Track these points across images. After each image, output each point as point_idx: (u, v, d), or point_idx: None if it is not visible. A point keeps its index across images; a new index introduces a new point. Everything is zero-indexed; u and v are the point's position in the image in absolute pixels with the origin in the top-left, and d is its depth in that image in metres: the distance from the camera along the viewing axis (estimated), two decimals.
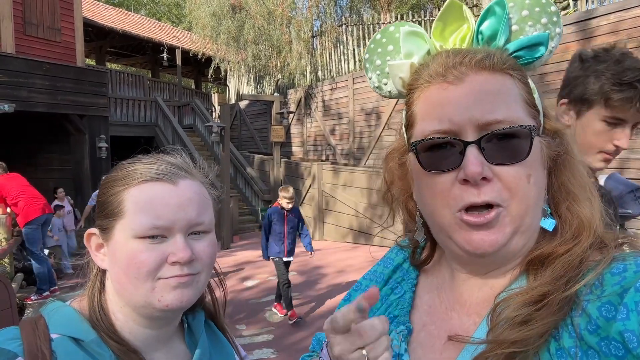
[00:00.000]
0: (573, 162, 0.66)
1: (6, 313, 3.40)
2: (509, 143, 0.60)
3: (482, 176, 0.59)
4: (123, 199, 0.79)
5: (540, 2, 0.66)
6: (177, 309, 0.79)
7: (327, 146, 12.91)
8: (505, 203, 0.60)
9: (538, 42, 0.65)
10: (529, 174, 0.60)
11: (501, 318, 0.58)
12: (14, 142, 11.95)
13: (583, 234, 0.62)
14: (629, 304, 0.52)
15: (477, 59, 0.63)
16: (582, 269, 0.59)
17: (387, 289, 0.82)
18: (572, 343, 0.55)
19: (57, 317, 0.79)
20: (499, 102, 0.60)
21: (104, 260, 0.83)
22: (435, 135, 0.62)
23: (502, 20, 0.65)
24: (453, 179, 0.61)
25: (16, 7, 9.76)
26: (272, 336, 5.24)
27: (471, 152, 0.59)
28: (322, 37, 13.94)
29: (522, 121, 0.61)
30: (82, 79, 10.99)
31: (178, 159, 0.87)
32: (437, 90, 0.64)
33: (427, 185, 0.64)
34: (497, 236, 0.60)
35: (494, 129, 0.59)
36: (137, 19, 20.42)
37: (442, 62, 0.64)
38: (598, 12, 6.51)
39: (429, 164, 0.63)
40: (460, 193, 0.60)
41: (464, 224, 0.61)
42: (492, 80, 0.62)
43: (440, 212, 0.63)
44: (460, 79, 0.62)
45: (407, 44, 0.70)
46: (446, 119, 0.61)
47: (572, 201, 0.64)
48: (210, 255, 0.83)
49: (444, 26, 0.69)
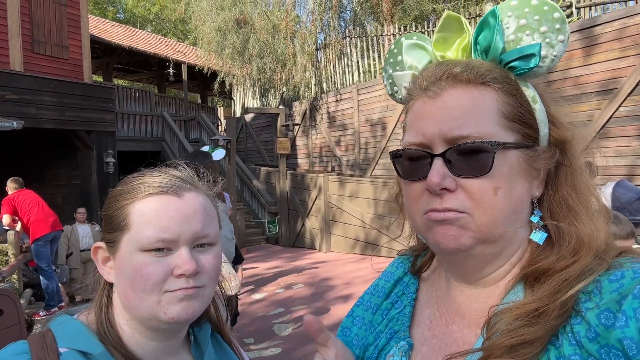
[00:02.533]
0: (575, 175, 0.66)
1: (15, 329, 3.41)
2: (474, 157, 0.61)
3: (442, 187, 0.62)
4: (129, 212, 0.80)
5: (541, 9, 0.64)
6: (183, 321, 0.79)
7: (332, 157, 12.93)
8: (469, 211, 0.61)
9: (530, 53, 0.64)
10: (496, 187, 0.61)
11: (495, 330, 0.59)
12: (23, 158, 12.07)
13: (582, 251, 0.61)
14: (627, 311, 0.52)
15: (454, 73, 0.64)
16: (580, 279, 0.59)
17: (388, 304, 0.83)
18: (572, 351, 0.55)
19: (65, 330, 0.80)
20: (469, 116, 0.62)
21: (110, 274, 0.83)
22: (409, 147, 0.67)
23: (495, 31, 0.65)
24: (423, 187, 0.65)
25: (24, 25, 9.92)
26: (281, 349, 5.19)
27: (435, 164, 0.62)
28: (326, 49, 14.03)
29: (492, 136, 0.62)
30: (90, 95, 11.11)
31: (183, 172, 0.87)
32: (419, 104, 0.67)
33: (405, 191, 0.70)
34: (456, 233, 0.62)
35: (459, 143, 0.61)
36: (143, 35, 20.70)
37: (427, 75, 0.67)
38: (602, 19, 6.51)
39: (405, 173, 0.68)
40: (427, 200, 0.64)
41: (429, 222, 0.64)
42: (467, 94, 0.63)
43: (414, 215, 0.68)
44: (438, 93, 0.65)
45: (409, 56, 0.73)
46: (420, 133, 0.65)
47: (572, 218, 0.64)
48: (216, 267, 0.84)
49: (445, 38, 0.70)
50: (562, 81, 6.83)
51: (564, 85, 6.82)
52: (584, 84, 6.62)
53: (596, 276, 0.58)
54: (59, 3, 10.70)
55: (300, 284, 7.99)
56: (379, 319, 0.81)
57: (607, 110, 6.34)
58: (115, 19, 30.56)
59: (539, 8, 0.65)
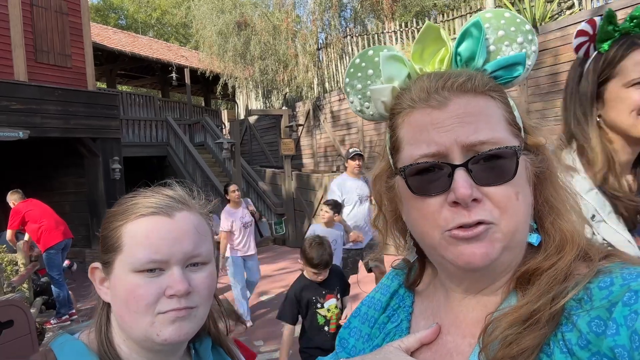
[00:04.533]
0: (554, 177, 0.68)
1: (26, 338, 3.43)
2: (496, 164, 0.61)
3: (472, 198, 0.59)
4: (121, 233, 0.81)
5: (515, 21, 0.67)
6: (176, 343, 0.80)
7: (337, 157, 12.91)
8: (496, 220, 0.60)
9: (516, 62, 0.66)
10: (517, 192, 0.61)
11: (491, 338, 0.59)
12: (30, 167, 12.18)
13: (566, 248, 0.62)
14: (617, 318, 0.52)
15: (459, 82, 0.63)
16: (567, 283, 0.59)
17: (384, 317, 0.82)
18: (563, 358, 0.55)
19: (66, 350, 0.80)
20: (482, 123, 0.62)
21: (107, 294, 0.84)
22: (423, 159, 0.63)
23: (479, 41, 0.66)
24: (442, 201, 0.62)
25: (27, 35, 9.99)
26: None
27: (460, 175, 0.60)
28: (327, 49, 14.03)
29: (506, 141, 0.62)
30: (94, 102, 11.19)
31: (176, 191, 0.88)
32: (421, 115, 0.64)
33: (417, 208, 0.65)
34: (487, 249, 0.60)
35: (479, 150, 0.60)
36: (145, 40, 20.78)
37: (424, 86, 0.65)
38: (605, 10, 6.46)
39: (418, 188, 0.63)
40: (451, 215, 0.61)
41: (453, 240, 0.61)
42: (475, 102, 0.63)
43: (430, 233, 0.64)
44: (444, 103, 0.63)
45: (387, 69, 0.71)
46: (433, 143, 0.62)
47: (555, 216, 0.65)
48: (209, 286, 0.84)
49: (423, 49, 0.70)
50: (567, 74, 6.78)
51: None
52: None
53: (586, 283, 0.58)
54: (61, 12, 10.77)
55: None
56: (376, 333, 0.81)
57: None
58: (117, 26, 30.71)
59: (513, 20, 0.67)
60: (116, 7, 34.37)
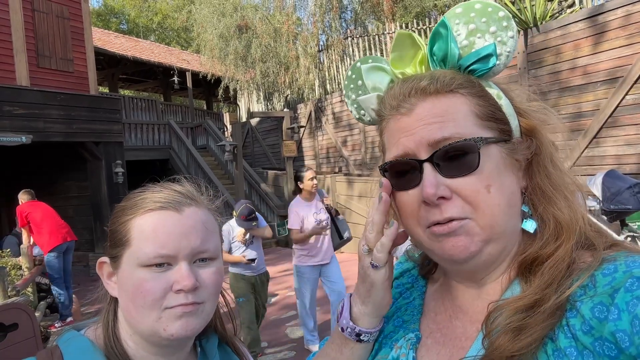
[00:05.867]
0: (546, 162, 0.68)
1: (30, 342, 3.44)
2: (459, 157, 0.63)
3: (439, 196, 0.62)
4: (129, 228, 0.81)
5: (486, 11, 0.67)
6: (182, 338, 0.79)
7: (339, 158, 12.92)
8: (470, 215, 0.62)
9: (487, 54, 0.67)
10: (488, 185, 0.62)
11: (495, 325, 0.60)
12: (33, 172, 12.22)
13: (563, 235, 0.63)
14: (619, 304, 0.53)
15: (421, 87, 0.66)
16: (571, 273, 0.60)
17: (396, 293, 0.84)
18: (567, 343, 0.56)
19: (72, 347, 0.81)
20: (447, 121, 0.64)
21: (115, 289, 0.84)
22: (395, 160, 0.67)
23: (447, 40, 0.67)
24: (419, 198, 0.65)
25: (29, 40, 10.04)
26: (295, 352, 5.19)
27: (427, 172, 0.63)
28: (328, 50, 14.04)
29: (471, 135, 0.63)
30: (96, 106, 11.23)
31: (185, 187, 0.88)
32: (393, 122, 0.69)
33: (400, 205, 0.69)
34: (466, 243, 0.62)
35: (444, 145, 0.63)
36: (146, 44, 20.86)
37: (395, 94, 0.69)
38: (605, 7, 6.45)
39: (396, 185, 0.69)
40: (425, 214, 0.64)
41: (433, 236, 0.65)
42: (438, 103, 0.65)
43: (414, 230, 0.68)
44: (411, 109, 0.67)
45: (369, 79, 0.75)
46: (402, 146, 0.66)
47: (547, 203, 0.66)
48: (216, 282, 0.84)
49: (401, 55, 0.73)
50: (571, 71, 6.77)
51: (572, 75, 6.76)
52: (591, 73, 6.55)
53: (592, 272, 0.59)
54: (63, 17, 10.82)
55: None
56: None
57: (614, 99, 6.27)
58: (119, 30, 30.83)
59: (484, 10, 0.67)
60: (117, 12, 34.49)
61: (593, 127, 6.47)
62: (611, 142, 6.39)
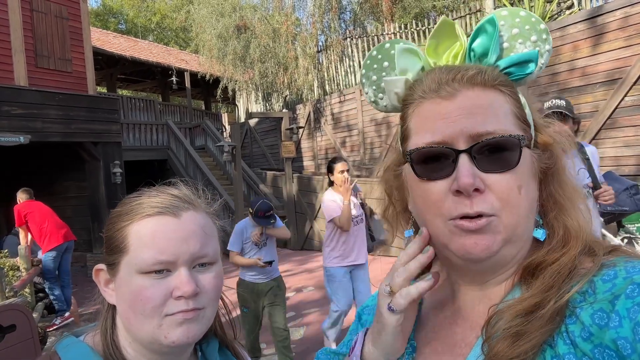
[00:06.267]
0: (561, 174, 0.68)
1: (28, 343, 3.43)
2: (499, 152, 0.61)
3: (475, 187, 0.60)
4: (127, 234, 0.79)
5: (530, 20, 0.68)
6: (183, 345, 0.79)
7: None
8: (497, 212, 0.61)
9: (528, 59, 0.67)
10: (519, 185, 0.62)
11: (494, 330, 0.59)
12: (32, 172, 12.18)
13: (571, 243, 0.63)
14: (620, 311, 0.52)
15: (469, 75, 0.65)
16: (572, 278, 0.60)
17: None
18: (566, 350, 0.56)
19: (71, 353, 0.80)
20: (490, 115, 0.62)
21: (112, 296, 0.83)
22: (429, 146, 0.64)
23: (493, 38, 0.67)
24: (446, 189, 0.62)
25: (27, 40, 10.01)
26: (293, 353, 5.18)
27: (463, 162, 0.61)
28: (327, 51, 14.04)
29: (512, 133, 0.63)
30: (95, 106, 11.20)
31: (182, 191, 0.86)
32: (431, 105, 0.66)
33: (421, 195, 0.66)
34: (488, 242, 0.61)
35: (485, 138, 0.61)
36: (145, 45, 20.83)
37: (435, 78, 0.66)
38: (604, 9, 6.46)
39: (422, 173, 0.65)
40: (454, 204, 0.62)
41: (457, 230, 0.62)
42: (483, 95, 0.64)
43: (434, 221, 0.65)
44: (453, 94, 0.64)
45: (401, 61, 0.72)
46: (439, 132, 0.63)
47: (558, 211, 0.66)
48: (216, 287, 0.83)
49: (437, 44, 0.71)
50: (568, 73, 6.78)
51: (569, 77, 6.77)
52: (590, 75, 6.56)
53: (591, 276, 0.58)
54: (61, 17, 10.79)
55: (311, 287, 7.98)
56: None
57: (613, 101, 6.28)
58: (117, 30, 30.79)
59: (528, 19, 0.68)
60: (116, 12, 34.45)
61: (592, 128, 6.47)
62: (610, 143, 6.40)
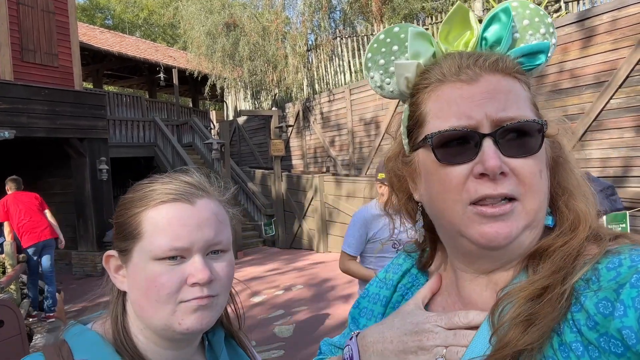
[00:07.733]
0: (568, 164, 0.70)
1: (16, 339, 3.38)
2: (522, 137, 0.62)
3: (501, 170, 0.60)
4: (141, 220, 0.79)
5: (539, 13, 0.69)
6: (197, 331, 0.79)
7: (327, 158, 12.93)
8: (520, 197, 0.61)
9: (539, 50, 0.68)
10: (541, 170, 0.62)
11: (505, 319, 0.59)
12: (16, 168, 11.93)
13: (580, 227, 0.63)
14: (625, 300, 0.52)
15: (490, 60, 0.64)
16: (578, 262, 0.60)
17: (398, 296, 0.83)
18: (573, 338, 0.56)
19: (81, 341, 0.79)
20: (511, 101, 0.62)
21: (123, 283, 0.82)
22: (452, 129, 0.63)
23: (507, 27, 0.67)
24: (467, 173, 0.62)
25: (13, 34, 9.83)
26: (283, 352, 5.19)
27: (488, 146, 0.60)
28: (317, 50, 14.04)
29: (535, 118, 0.64)
30: (81, 102, 11.04)
31: (195, 177, 0.86)
32: (451, 89, 0.65)
33: (440, 180, 0.64)
34: (510, 229, 0.60)
35: (508, 123, 0.61)
36: (132, 41, 20.59)
37: (455, 62, 0.66)
38: (592, 12, 6.57)
39: (443, 157, 0.63)
40: (475, 186, 0.61)
41: (477, 217, 0.61)
42: (504, 81, 0.64)
43: (452, 207, 0.63)
44: (475, 78, 0.63)
45: (414, 45, 0.70)
46: (463, 116, 0.62)
47: (568, 197, 0.67)
48: (229, 275, 0.83)
49: (449, 30, 0.71)
50: (558, 74, 6.88)
51: (559, 79, 6.87)
52: (578, 77, 6.67)
53: (595, 263, 0.58)
54: (48, 11, 10.63)
55: (300, 286, 7.99)
56: (390, 311, 0.81)
57: (599, 103, 6.39)
58: (104, 26, 30.36)
59: (537, 12, 0.70)
60: (103, 7, 34.00)
61: (578, 130, 6.58)
62: (595, 145, 6.51)
